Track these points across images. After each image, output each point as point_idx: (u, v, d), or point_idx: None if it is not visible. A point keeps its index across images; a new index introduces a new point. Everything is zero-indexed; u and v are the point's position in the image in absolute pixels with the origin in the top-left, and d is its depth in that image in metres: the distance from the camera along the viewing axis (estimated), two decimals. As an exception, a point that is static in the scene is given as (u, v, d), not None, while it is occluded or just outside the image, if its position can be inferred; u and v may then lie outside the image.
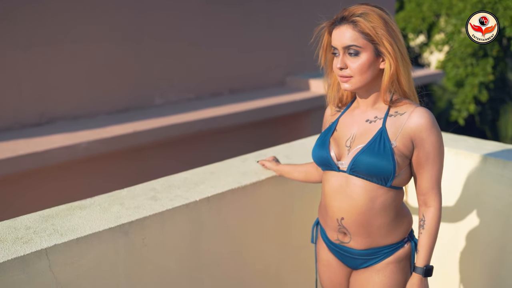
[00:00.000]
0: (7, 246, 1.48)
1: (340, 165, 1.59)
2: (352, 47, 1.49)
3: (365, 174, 1.54)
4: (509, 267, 2.42)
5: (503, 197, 2.39)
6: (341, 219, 1.60)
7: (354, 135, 1.60)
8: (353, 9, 1.51)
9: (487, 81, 14.21)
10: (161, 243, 1.76)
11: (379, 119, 1.57)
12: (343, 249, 1.67)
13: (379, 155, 1.51)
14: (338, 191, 1.60)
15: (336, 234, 1.66)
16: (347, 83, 1.54)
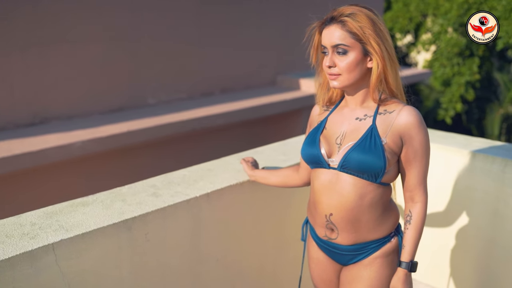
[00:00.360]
0: (15, 242, 1.52)
1: (331, 162, 1.61)
2: (340, 46, 1.53)
3: (356, 171, 1.56)
4: (497, 258, 2.50)
5: (491, 191, 2.47)
6: (330, 215, 1.62)
7: (344, 132, 1.62)
8: (342, 10, 1.55)
9: (474, 80, 14.40)
10: (163, 239, 1.80)
11: (369, 117, 1.60)
12: (331, 245, 1.69)
13: (370, 151, 1.54)
14: (328, 188, 1.62)
15: (324, 230, 1.68)
16: (336, 81, 1.58)
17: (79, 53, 4.34)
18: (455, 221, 2.63)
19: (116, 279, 1.70)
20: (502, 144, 2.64)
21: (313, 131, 1.70)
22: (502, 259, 2.49)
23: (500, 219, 2.47)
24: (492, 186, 2.47)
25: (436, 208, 2.66)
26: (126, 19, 4.63)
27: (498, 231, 2.48)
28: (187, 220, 1.87)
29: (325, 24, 1.58)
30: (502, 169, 2.44)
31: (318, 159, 1.63)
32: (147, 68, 4.88)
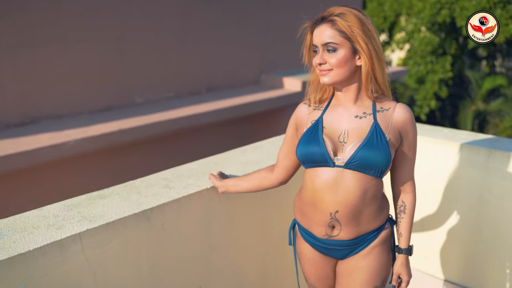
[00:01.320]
0: (43, 232, 1.59)
1: (337, 161, 1.63)
2: (330, 44, 1.58)
3: (363, 167, 1.60)
4: (482, 242, 2.66)
5: (476, 180, 2.63)
6: (335, 212, 1.64)
7: (346, 130, 1.64)
8: (331, 10, 1.61)
9: (447, 78, 14.79)
10: (178, 228, 1.90)
11: (368, 115, 1.64)
12: (331, 243, 1.71)
13: (377, 148, 1.58)
14: (332, 185, 1.63)
15: (324, 229, 1.69)
16: (326, 77, 1.61)
17: (68, 54, 4.38)
18: (443, 209, 2.78)
19: (136, 267, 1.78)
20: (486, 136, 2.80)
21: (310, 130, 1.69)
22: (487, 243, 2.65)
23: (485, 206, 2.63)
24: (477, 175, 2.64)
25: (425, 197, 2.81)
26: (113, 20, 4.68)
27: (483, 217, 2.65)
28: (200, 211, 1.97)
29: (316, 24, 1.63)
30: (486, 159, 2.60)
31: (322, 157, 1.63)
32: (134, 68, 4.94)
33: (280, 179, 1.89)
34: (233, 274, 2.19)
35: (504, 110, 14.86)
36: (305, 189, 1.71)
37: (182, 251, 1.94)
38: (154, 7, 5.04)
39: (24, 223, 1.65)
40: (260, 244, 2.27)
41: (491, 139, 2.76)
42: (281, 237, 2.35)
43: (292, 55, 6.94)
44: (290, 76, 6.56)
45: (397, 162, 1.72)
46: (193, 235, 1.97)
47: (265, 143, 2.61)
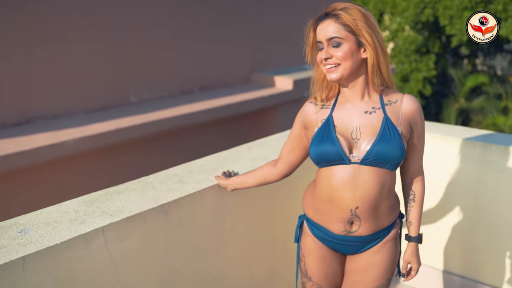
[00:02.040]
0: (66, 226, 1.63)
1: (352, 158, 1.62)
2: (334, 39, 1.57)
3: (379, 162, 1.60)
4: (479, 235, 2.76)
5: (472, 173, 2.73)
6: (356, 208, 1.64)
7: (357, 127, 1.64)
8: (334, 5, 1.61)
9: (430, 76, 15.02)
10: (193, 222, 1.95)
11: (378, 109, 1.64)
12: (348, 239, 1.71)
13: (391, 142, 1.59)
14: (350, 183, 1.62)
15: (343, 225, 1.68)
16: (334, 73, 1.60)
17: (64, 54, 4.39)
18: (440, 201, 2.88)
19: (154, 260, 1.84)
20: (480, 131, 2.91)
21: (322, 129, 1.67)
22: (483, 234, 2.75)
23: (481, 199, 2.73)
24: (473, 168, 2.74)
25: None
26: (108, 20, 4.70)
27: (479, 209, 2.75)
28: (212, 205, 2.02)
29: (319, 20, 1.62)
30: (482, 153, 2.70)
31: (338, 156, 1.62)
32: (129, 68, 4.96)
33: (282, 173, 1.90)
34: (243, 266, 2.25)
35: (486, 107, 15.13)
36: (321, 187, 1.70)
37: (196, 244, 1.99)
38: (148, 7, 5.06)
39: (47, 218, 1.69)
40: (267, 238, 2.34)
41: (486, 133, 2.86)
42: (287, 232, 2.42)
43: (283, 54, 7.02)
44: (281, 75, 6.63)
45: (407, 152, 1.73)
46: (206, 229, 2.02)
47: (269, 139, 2.67)
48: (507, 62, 17.37)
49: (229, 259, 2.17)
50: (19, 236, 1.56)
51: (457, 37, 13.92)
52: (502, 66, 17.83)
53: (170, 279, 1.92)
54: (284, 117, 6.44)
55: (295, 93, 6.48)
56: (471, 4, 13.84)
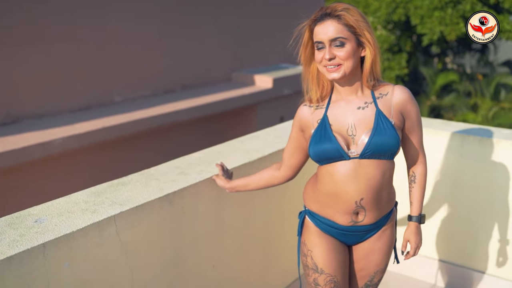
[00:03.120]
0: (79, 216, 1.71)
1: (351, 154, 1.68)
2: (338, 39, 1.61)
3: (377, 154, 1.66)
4: (459, 221, 2.93)
5: (451, 163, 2.90)
6: (361, 200, 1.70)
7: (352, 123, 1.69)
8: (334, 6, 1.64)
9: (403, 74, 15.37)
10: (195, 211, 2.05)
11: (370, 104, 1.69)
12: (353, 229, 1.77)
13: (386, 134, 1.65)
14: (353, 176, 1.67)
15: (350, 216, 1.74)
16: (335, 72, 1.64)
17: (48, 54, 4.42)
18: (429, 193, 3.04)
19: (160, 247, 1.93)
20: (458, 123, 3.08)
21: (319, 129, 1.72)
22: (462, 220, 2.93)
23: (460, 186, 2.91)
24: (452, 158, 2.91)
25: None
26: (93, 21, 4.74)
27: (459, 196, 2.92)
28: (213, 195, 2.13)
29: (318, 21, 1.64)
30: (460, 143, 2.88)
31: (337, 153, 1.67)
32: (112, 68, 5.01)
33: (287, 176, 1.95)
34: (241, 255, 2.36)
35: (456, 105, 15.54)
36: (323, 182, 1.75)
37: (198, 233, 2.10)
38: (132, 8, 5.12)
39: (59, 209, 1.77)
40: (263, 228, 2.45)
41: (463, 125, 3.03)
42: (281, 223, 2.54)
43: (262, 53, 7.15)
44: (261, 73, 6.75)
45: (405, 138, 1.80)
46: (207, 218, 2.13)
47: (261, 133, 2.78)
48: (476, 61, 17.90)
49: (228, 248, 2.27)
50: (35, 226, 1.64)
51: (428, 36, 14.28)
52: (471, 64, 18.37)
53: (174, 266, 2.01)
54: (264, 115, 6.57)
55: (275, 91, 6.62)
56: (440, 4, 14.23)
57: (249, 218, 2.35)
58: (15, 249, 1.48)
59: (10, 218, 1.70)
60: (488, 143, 2.79)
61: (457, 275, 3.00)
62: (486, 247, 2.89)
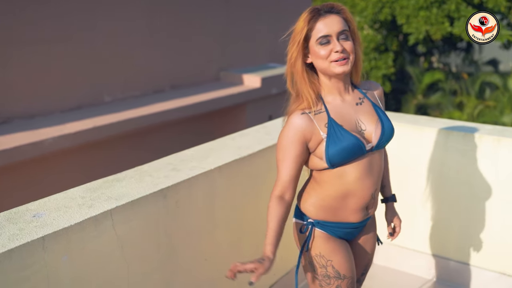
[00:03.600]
0: (76, 210, 1.76)
1: (369, 147, 1.69)
2: (345, 32, 1.64)
3: (387, 142, 1.73)
4: (443, 213, 3.02)
5: (437, 157, 2.98)
6: (375, 191, 1.74)
7: (357, 119, 1.71)
8: (331, 4, 1.68)
9: (389, 74, 15.52)
10: (188, 205, 2.11)
11: (364, 98, 1.76)
12: (362, 224, 1.82)
13: (389, 122, 1.74)
14: (368, 170, 1.69)
15: (363, 212, 1.76)
16: (345, 65, 1.63)
17: (39, 54, 4.44)
18: (408, 183, 3.12)
19: (155, 241, 1.98)
20: (442, 120, 3.17)
21: (331, 132, 1.65)
22: (447, 212, 3.02)
23: (444, 180, 3.00)
24: (437, 153, 3.00)
25: (393, 172, 3.14)
26: (83, 22, 4.77)
27: (443, 189, 3.01)
28: (205, 190, 2.19)
29: (321, 15, 1.64)
30: (445, 139, 2.96)
31: (359, 148, 1.65)
32: (103, 68, 5.04)
33: (292, 198, 1.75)
34: (232, 248, 2.41)
35: (442, 103, 15.74)
36: (334, 185, 1.70)
37: (191, 227, 2.15)
38: (121, 9, 5.16)
39: (56, 204, 1.82)
40: (253, 221, 2.51)
41: (448, 122, 3.12)
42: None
43: (250, 53, 7.21)
44: (249, 73, 6.82)
45: None
46: (200, 212, 2.18)
47: (251, 130, 2.85)
48: (461, 60, 18.14)
49: (220, 241, 2.33)
50: (34, 220, 1.69)
51: (414, 36, 14.45)
52: (457, 63, 18.61)
53: (168, 259, 2.07)
54: (252, 114, 6.63)
55: (263, 91, 6.68)
56: (426, 4, 14.41)
57: (240, 213, 2.41)
58: (15, 242, 1.53)
59: (8, 213, 1.74)
60: (472, 138, 2.88)
61: (443, 268, 3.09)
62: (470, 240, 2.98)
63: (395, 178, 3.12)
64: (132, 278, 1.91)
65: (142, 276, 1.95)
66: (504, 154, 2.80)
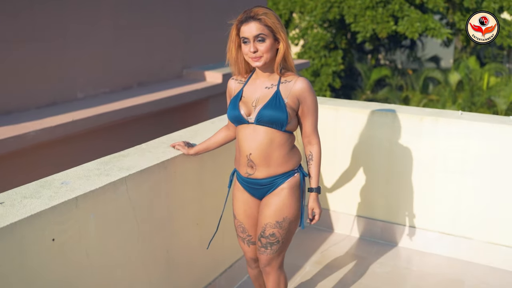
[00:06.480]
0: (97, 178, 2.12)
1: (249, 119, 2.17)
2: (260, 35, 2.08)
3: (267, 122, 2.14)
4: (393, 184, 3.53)
5: (386, 137, 3.49)
6: (250, 154, 2.19)
7: (257, 98, 2.19)
8: (256, 10, 2.09)
9: (339, 70, 16.23)
10: (183, 175, 2.50)
11: (274, 86, 2.19)
12: (252, 182, 2.23)
13: (275, 108, 2.13)
14: (248, 136, 2.18)
15: (245, 168, 2.22)
16: (258, 61, 2.12)
17: (14, 53, 4.67)
18: (362, 160, 3.62)
19: (158, 204, 2.37)
20: (390, 105, 3.68)
21: (233, 99, 2.24)
22: (397, 184, 3.53)
23: (393, 156, 3.51)
24: (387, 133, 3.50)
25: (349, 152, 3.64)
26: (53, 20, 5.02)
27: (392, 164, 3.52)
28: (195, 163, 2.58)
29: (243, 22, 2.10)
30: (392, 120, 3.47)
31: (239, 118, 2.18)
32: (74, 66, 5.31)
33: (234, 134, 2.43)
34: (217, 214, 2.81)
35: (390, 98, 16.58)
36: (236, 141, 2.31)
37: (186, 194, 2.55)
38: (90, 6, 5.43)
39: (77, 174, 2.16)
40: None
41: (394, 106, 3.64)
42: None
43: (211, 51, 7.60)
44: (210, 70, 7.20)
45: (300, 120, 2.26)
46: (193, 182, 2.58)
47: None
48: (406, 57, 19.13)
49: (208, 209, 2.73)
50: (63, 186, 2.03)
51: (361, 34, 15.21)
52: (402, 60, 19.61)
53: (168, 221, 2.45)
54: (215, 108, 7.03)
55: (225, 86, 7.08)
56: (372, 4, 15.19)
57: (223, 184, 2.82)
58: (55, 201, 1.88)
59: (39, 182, 2.08)
60: (415, 119, 3.40)
61: (392, 231, 3.61)
62: (417, 205, 3.51)
63: (351, 156, 3.62)
64: (142, 236, 2.28)
65: (149, 234, 2.33)
66: (442, 131, 3.34)
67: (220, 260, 2.95)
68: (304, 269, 3.29)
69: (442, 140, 3.35)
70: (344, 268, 3.32)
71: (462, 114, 3.42)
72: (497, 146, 3.21)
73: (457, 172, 3.34)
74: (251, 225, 2.35)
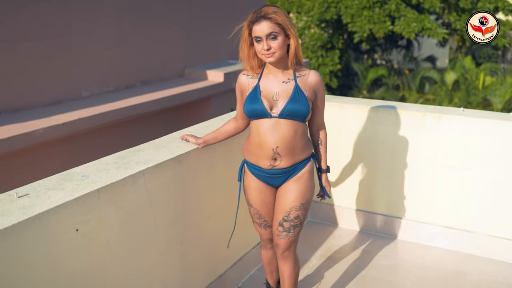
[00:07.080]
0: (116, 171, 2.19)
1: (273, 113, 2.26)
2: (272, 33, 2.18)
3: (291, 116, 2.25)
4: (397, 178, 3.62)
5: (390, 133, 3.57)
6: (276, 147, 2.28)
7: (277, 92, 2.28)
8: (266, 10, 2.19)
9: (336, 70, 16.34)
10: (197, 169, 2.57)
11: (291, 80, 2.29)
12: (273, 172, 2.33)
13: (299, 102, 2.25)
14: (272, 130, 2.26)
15: (269, 161, 2.31)
16: (272, 57, 2.21)
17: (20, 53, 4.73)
18: (366, 156, 3.70)
19: (173, 197, 2.44)
20: (391, 102, 3.77)
21: (252, 93, 2.30)
22: (400, 179, 3.61)
23: (396, 152, 3.59)
24: (390, 129, 3.59)
25: (353, 149, 3.72)
26: (59, 19, 5.09)
27: (396, 159, 3.61)
28: (208, 158, 2.66)
29: (255, 21, 2.20)
30: (395, 117, 3.56)
31: (262, 112, 2.26)
32: (80, 65, 5.37)
33: (245, 125, 2.56)
34: (230, 208, 2.89)
35: (386, 97, 16.70)
36: (252, 135, 2.35)
37: (198, 188, 2.62)
38: (94, 7, 5.50)
39: (96, 168, 2.23)
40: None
41: (397, 103, 3.73)
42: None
43: (212, 51, 7.67)
44: (212, 69, 7.28)
45: (313, 110, 2.40)
46: (205, 176, 2.65)
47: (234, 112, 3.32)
48: (402, 56, 19.25)
49: (219, 202, 2.81)
50: (84, 179, 2.10)
51: (358, 34, 15.33)
52: (398, 60, 19.73)
53: (182, 214, 2.53)
54: (217, 106, 7.10)
55: (226, 85, 7.16)
56: (369, 4, 15.31)
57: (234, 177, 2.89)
58: (78, 192, 1.95)
59: (61, 175, 2.14)
60: (418, 116, 3.49)
61: (395, 225, 3.70)
62: (419, 199, 3.59)
63: (356, 149, 3.70)
64: (158, 228, 2.36)
65: (165, 228, 2.40)
66: (444, 127, 3.43)
67: (230, 254, 3.03)
68: (310, 262, 3.38)
69: (444, 136, 3.44)
70: (349, 261, 3.40)
71: (463, 111, 3.51)
72: (497, 141, 3.30)
73: (458, 167, 3.43)
74: (267, 211, 2.48)
